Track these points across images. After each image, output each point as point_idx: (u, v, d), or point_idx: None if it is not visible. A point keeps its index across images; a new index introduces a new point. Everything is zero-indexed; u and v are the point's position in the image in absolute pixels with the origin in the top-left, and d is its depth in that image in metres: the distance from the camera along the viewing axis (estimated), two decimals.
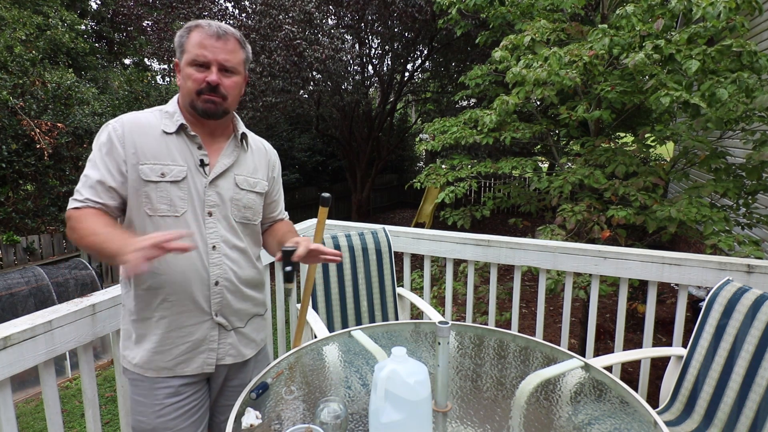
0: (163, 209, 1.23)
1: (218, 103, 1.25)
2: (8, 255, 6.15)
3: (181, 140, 1.27)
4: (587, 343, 2.29)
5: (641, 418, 1.17)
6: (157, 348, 1.28)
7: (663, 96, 2.43)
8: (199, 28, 1.23)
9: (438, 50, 8.48)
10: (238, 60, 1.27)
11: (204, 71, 1.23)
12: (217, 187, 1.29)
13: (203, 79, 1.22)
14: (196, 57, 1.22)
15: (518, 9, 3.61)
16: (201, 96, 1.24)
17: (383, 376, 1.03)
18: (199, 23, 1.24)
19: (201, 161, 1.28)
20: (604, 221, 2.83)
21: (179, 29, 1.29)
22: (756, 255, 2.36)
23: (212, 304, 1.30)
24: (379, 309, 2.41)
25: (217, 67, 1.23)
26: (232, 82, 1.27)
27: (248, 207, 1.36)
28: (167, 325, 1.27)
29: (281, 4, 6.18)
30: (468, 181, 3.66)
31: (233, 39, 1.25)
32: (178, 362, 1.29)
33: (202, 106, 1.25)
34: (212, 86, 1.23)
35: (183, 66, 1.25)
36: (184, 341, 1.29)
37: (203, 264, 1.28)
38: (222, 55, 1.23)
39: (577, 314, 4.54)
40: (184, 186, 1.25)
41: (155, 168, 1.22)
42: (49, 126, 6.25)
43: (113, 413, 3.80)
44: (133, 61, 14.68)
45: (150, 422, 1.30)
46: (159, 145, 1.24)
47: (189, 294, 1.27)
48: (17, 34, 6.57)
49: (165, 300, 1.26)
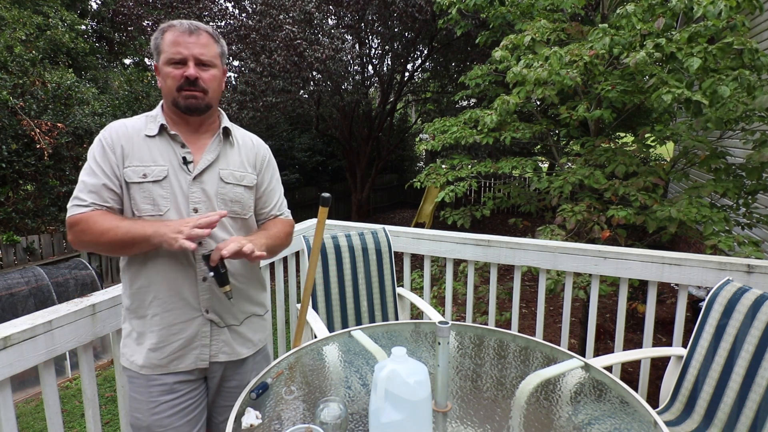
0: (147, 209, 1.26)
1: (200, 98, 1.28)
2: (8, 255, 6.14)
3: (163, 141, 1.30)
4: (587, 343, 2.29)
5: (641, 418, 1.17)
6: (153, 346, 1.30)
7: (665, 93, 2.43)
8: (172, 28, 1.27)
9: (438, 50, 8.47)
10: (213, 53, 1.30)
11: (181, 67, 1.26)
12: (202, 183, 1.31)
13: (181, 74, 1.25)
14: (172, 55, 1.25)
15: (518, 9, 3.61)
16: (182, 92, 1.26)
17: (383, 376, 1.03)
18: (171, 24, 1.28)
19: (184, 159, 1.30)
20: (604, 221, 2.83)
21: None
22: (756, 255, 2.36)
23: (201, 300, 1.31)
24: (379, 309, 2.40)
25: (193, 62, 1.26)
26: (210, 75, 1.29)
27: (236, 201, 1.36)
28: (160, 323, 1.29)
29: (281, 4, 6.18)
30: (468, 181, 3.66)
31: (205, 33, 1.29)
32: (172, 359, 1.31)
33: (184, 102, 1.27)
34: (191, 80, 1.25)
35: (161, 66, 1.28)
36: (177, 338, 1.30)
37: (189, 260, 1.29)
38: (196, 49, 1.26)
39: (577, 314, 4.54)
40: (165, 185, 1.27)
41: (137, 170, 1.26)
42: (49, 126, 6.25)
43: (113, 413, 3.80)
44: (133, 61, 14.67)
45: (145, 419, 1.31)
46: (142, 148, 1.27)
47: (177, 291, 1.29)
48: (17, 34, 6.57)
49: (156, 298, 1.29)
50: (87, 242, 1.23)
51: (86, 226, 1.21)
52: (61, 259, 6.45)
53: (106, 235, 1.20)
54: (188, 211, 1.29)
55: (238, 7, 7.45)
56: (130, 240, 1.20)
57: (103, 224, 1.21)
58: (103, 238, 1.20)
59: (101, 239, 1.21)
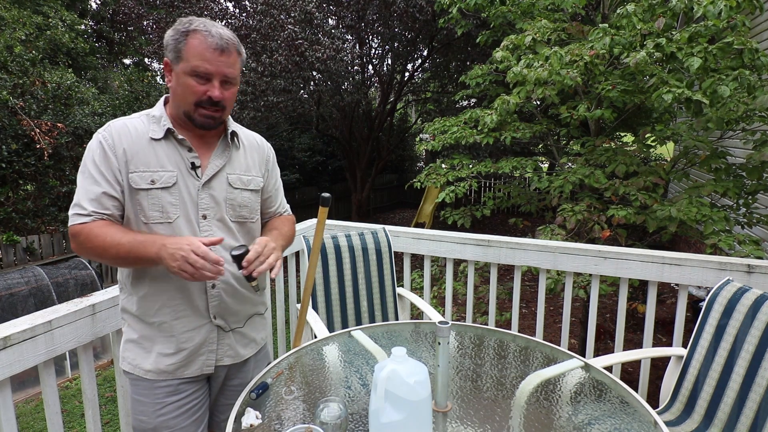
0: (156, 216, 1.22)
1: (217, 118, 1.25)
2: (8, 255, 6.15)
3: (170, 145, 1.25)
4: (587, 343, 2.29)
5: (641, 418, 1.17)
6: (162, 353, 1.28)
7: (665, 93, 2.43)
8: (199, 35, 1.18)
9: (438, 50, 8.48)
10: (238, 70, 1.26)
11: (205, 83, 1.20)
12: (211, 189, 1.28)
13: (204, 92, 1.20)
14: (196, 68, 1.18)
15: (519, 8, 3.61)
16: (199, 108, 1.21)
17: (383, 376, 1.03)
18: (196, 28, 1.19)
19: (192, 164, 1.26)
20: (604, 221, 2.83)
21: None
22: (756, 255, 2.36)
23: (210, 307, 1.30)
24: (379, 309, 2.40)
25: (219, 81, 1.21)
26: (231, 93, 1.25)
27: (243, 206, 1.35)
28: (168, 330, 1.27)
29: (282, 4, 6.18)
30: (468, 181, 3.66)
31: (234, 49, 1.22)
32: (179, 366, 1.29)
33: (200, 121, 1.23)
34: (214, 101, 1.21)
35: (180, 73, 1.20)
36: (186, 346, 1.29)
37: None
38: (225, 68, 1.20)
39: (577, 314, 4.54)
40: (175, 191, 1.23)
41: (144, 175, 1.21)
42: (49, 126, 6.25)
43: (113, 413, 3.80)
44: (133, 61, 14.67)
45: (151, 421, 1.29)
46: (147, 152, 1.22)
47: (187, 299, 1.27)
48: (17, 34, 6.56)
49: (164, 306, 1.26)
50: (89, 254, 1.19)
51: (87, 239, 1.17)
52: (61, 259, 6.45)
53: (109, 252, 1.16)
54: (197, 218, 1.26)
55: (238, 6, 7.45)
56: (133, 259, 1.17)
57: (105, 239, 1.16)
58: (105, 254, 1.17)
59: (104, 255, 1.17)
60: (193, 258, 1.09)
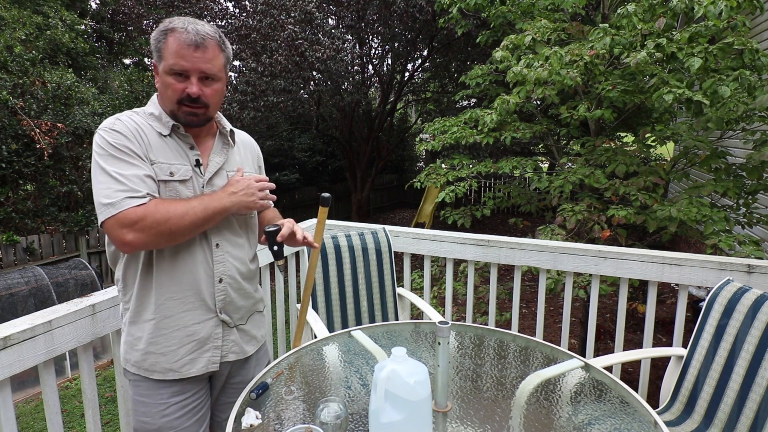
0: None
1: (200, 114, 1.24)
2: (8, 255, 6.15)
3: (174, 142, 1.26)
4: (587, 343, 2.29)
5: (641, 418, 1.17)
6: (162, 349, 1.26)
7: (665, 93, 2.43)
8: (175, 33, 1.17)
9: (438, 50, 8.48)
10: (218, 66, 1.23)
11: (183, 81, 1.19)
12: (213, 186, 1.29)
13: (183, 89, 1.19)
14: (173, 66, 1.18)
15: (519, 8, 3.61)
16: (182, 107, 1.21)
17: (383, 376, 1.03)
18: (174, 26, 1.18)
19: (197, 161, 1.28)
20: (604, 221, 2.83)
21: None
22: (756, 255, 2.36)
23: (217, 301, 1.30)
24: (379, 309, 2.40)
25: (197, 77, 1.20)
26: (212, 90, 1.24)
27: None
28: (172, 325, 1.26)
29: (282, 4, 6.18)
30: (468, 181, 3.66)
31: (212, 44, 1.20)
32: (184, 363, 1.28)
33: (184, 119, 1.23)
34: (192, 98, 1.20)
35: (161, 73, 1.21)
36: (190, 340, 1.28)
37: (208, 262, 1.28)
38: (201, 64, 1.19)
39: (577, 314, 4.54)
40: (190, 185, 1.25)
41: (163, 167, 1.21)
42: (49, 126, 6.25)
43: (113, 413, 3.80)
44: (133, 61, 14.67)
45: (154, 422, 1.28)
46: (161, 145, 1.23)
47: (196, 291, 1.27)
48: (17, 34, 6.56)
49: (170, 299, 1.25)
50: (160, 234, 1.14)
51: (154, 219, 1.13)
52: (61, 259, 6.45)
53: (186, 218, 1.15)
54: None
55: (238, 6, 7.45)
56: (210, 215, 1.20)
57: (176, 210, 1.14)
58: (182, 222, 1.15)
59: (180, 224, 1.15)
60: (255, 185, 1.30)
